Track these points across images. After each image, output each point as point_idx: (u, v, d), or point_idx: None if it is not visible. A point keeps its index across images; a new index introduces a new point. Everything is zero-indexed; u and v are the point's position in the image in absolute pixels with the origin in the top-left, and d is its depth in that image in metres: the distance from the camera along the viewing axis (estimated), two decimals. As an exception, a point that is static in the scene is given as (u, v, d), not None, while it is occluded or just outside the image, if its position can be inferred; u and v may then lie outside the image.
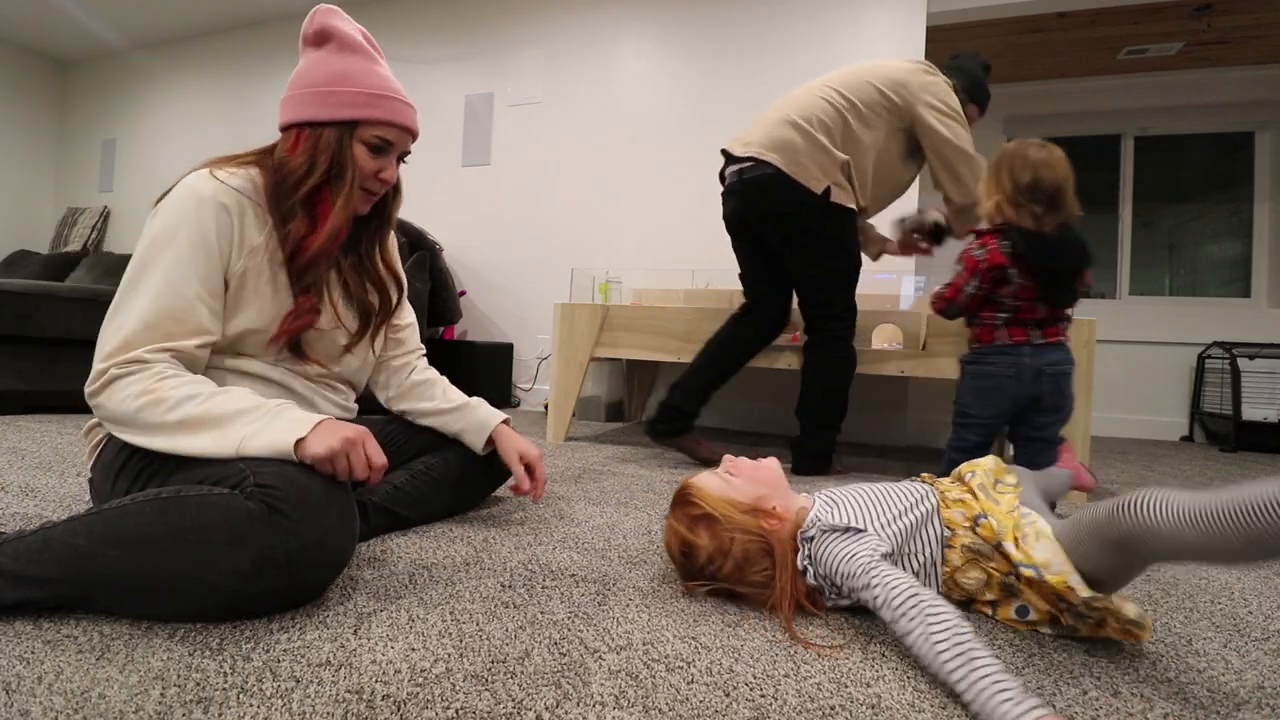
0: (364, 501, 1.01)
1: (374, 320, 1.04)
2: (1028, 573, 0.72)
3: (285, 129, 0.91)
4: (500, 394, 3.15)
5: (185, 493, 0.69)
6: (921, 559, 0.80)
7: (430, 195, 3.47)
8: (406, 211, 1.36)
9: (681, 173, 2.98)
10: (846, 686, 0.62)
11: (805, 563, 0.80)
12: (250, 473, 0.70)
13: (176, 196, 0.84)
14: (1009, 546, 0.75)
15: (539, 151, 3.28)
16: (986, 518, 0.78)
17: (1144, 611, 0.70)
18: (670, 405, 1.80)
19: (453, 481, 1.15)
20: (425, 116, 3.49)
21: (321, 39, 0.91)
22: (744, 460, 0.88)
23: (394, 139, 0.93)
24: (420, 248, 2.86)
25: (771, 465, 0.88)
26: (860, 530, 0.78)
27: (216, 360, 0.88)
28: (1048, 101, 3.80)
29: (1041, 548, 0.73)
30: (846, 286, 1.75)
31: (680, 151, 3.00)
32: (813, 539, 0.80)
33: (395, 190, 1.03)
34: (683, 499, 0.85)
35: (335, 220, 0.90)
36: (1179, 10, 2.93)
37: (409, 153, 1.00)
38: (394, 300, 1.08)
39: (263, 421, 0.75)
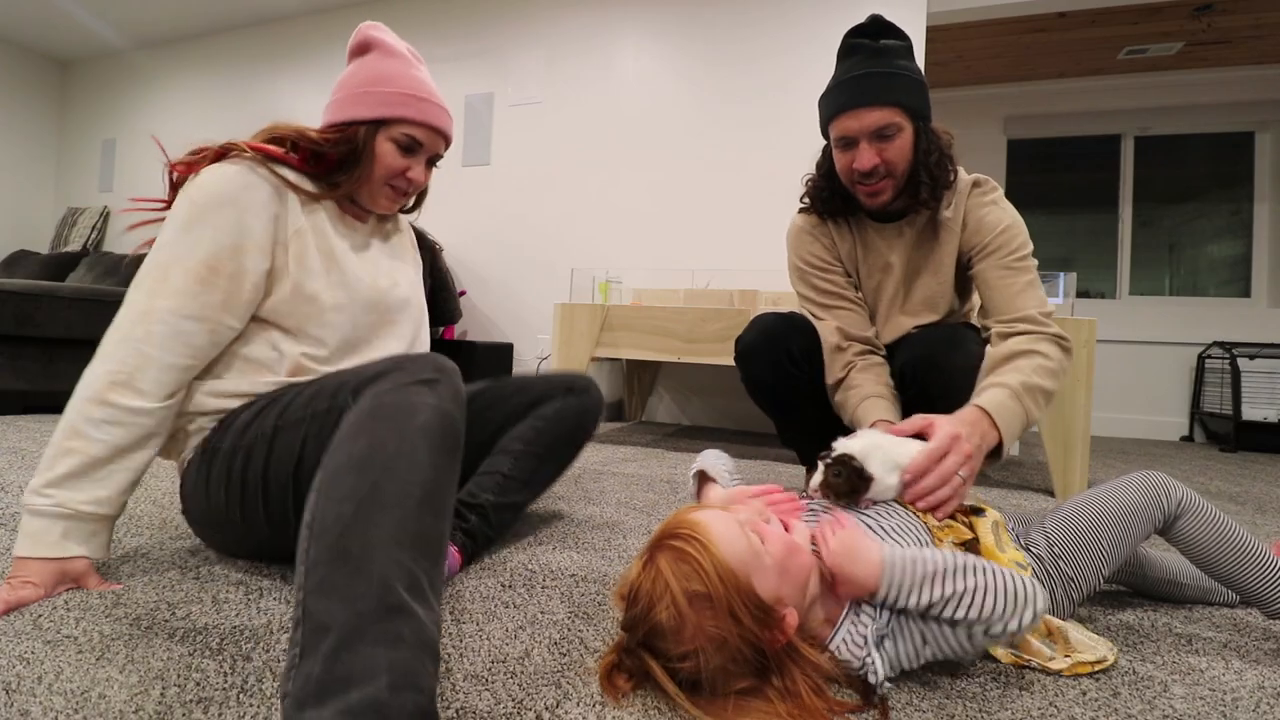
0: (481, 504, 0.97)
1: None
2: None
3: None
4: (500, 394, 3.15)
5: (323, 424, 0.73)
6: None
7: (430, 195, 3.44)
8: (406, 211, 1.37)
9: (682, 172, 2.98)
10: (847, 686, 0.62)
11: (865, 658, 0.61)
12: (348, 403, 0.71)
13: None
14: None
15: (539, 151, 3.28)
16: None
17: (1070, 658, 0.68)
18: None
19: (554, 446, 1.10)
20: (425, 116, 3.49)
21: (364, 49, 0.96)
22: (778, 532, 0.63)
23: (423, 139, 0.96)
24: (420, 248, 2.86)
25: (802, 554, 0.63)
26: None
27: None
28: (1048, 101, 3.80)
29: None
30: None
31: (680, 151, 2.99)
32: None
33: (421, 194, 1.09)
34: (681, 554, 0.57)
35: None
36: (1179, 10, 2.93)
37: (440, 156, 1.02)
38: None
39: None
